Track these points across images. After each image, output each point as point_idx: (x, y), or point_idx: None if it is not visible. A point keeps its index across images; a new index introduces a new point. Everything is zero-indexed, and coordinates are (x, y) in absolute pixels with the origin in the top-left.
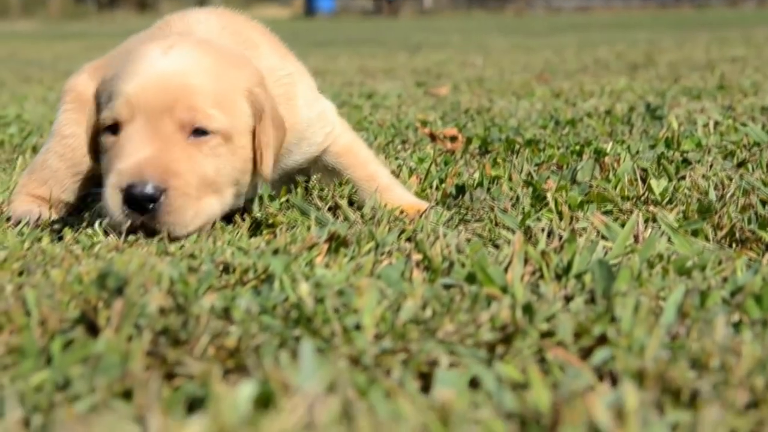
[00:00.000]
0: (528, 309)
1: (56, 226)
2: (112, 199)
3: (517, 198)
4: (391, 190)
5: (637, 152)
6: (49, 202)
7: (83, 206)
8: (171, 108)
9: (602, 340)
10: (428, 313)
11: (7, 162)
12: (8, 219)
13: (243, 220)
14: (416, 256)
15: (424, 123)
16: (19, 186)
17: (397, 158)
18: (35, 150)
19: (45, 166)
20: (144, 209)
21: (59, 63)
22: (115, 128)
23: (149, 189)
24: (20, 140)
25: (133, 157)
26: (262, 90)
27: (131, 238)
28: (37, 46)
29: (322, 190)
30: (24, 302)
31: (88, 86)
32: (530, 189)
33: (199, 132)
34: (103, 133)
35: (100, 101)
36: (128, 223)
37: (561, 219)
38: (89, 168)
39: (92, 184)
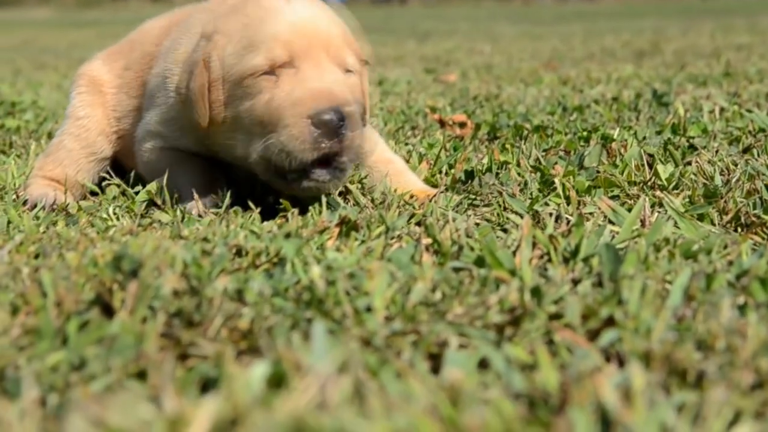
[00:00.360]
0: (536, 292)
1: (71, 210)
2: (303, 130)
3: (526, 183)
4: (402, 176)
5: (644, 138)
6: (64, 185)
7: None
8: (326, 47)
9: (609, 322)
10: (438, 295)
11: (23, 147)
12: (25, 202)
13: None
14: (426, 240)
15: (434, 109)
16: (36, 169)
17: (407, 144)
18: (50, 136)
19: (60, 147)
20: (335, 136)
21: (73, 50)
22: (272, 71)
23: (340, 118)
24: (36, 126)
25: (318, 84)
26: (364, 58)
27: (145, 221)
28: (51, 33)
29: None
30: (40, 284)
31: (101, 71)
32: (538, 174)
33: (348, 70)
34: (249, 81)
35: (224, 56)
36: (314, 155)
37: (568, 204)
38: (102, 149)
39: (105, 165)
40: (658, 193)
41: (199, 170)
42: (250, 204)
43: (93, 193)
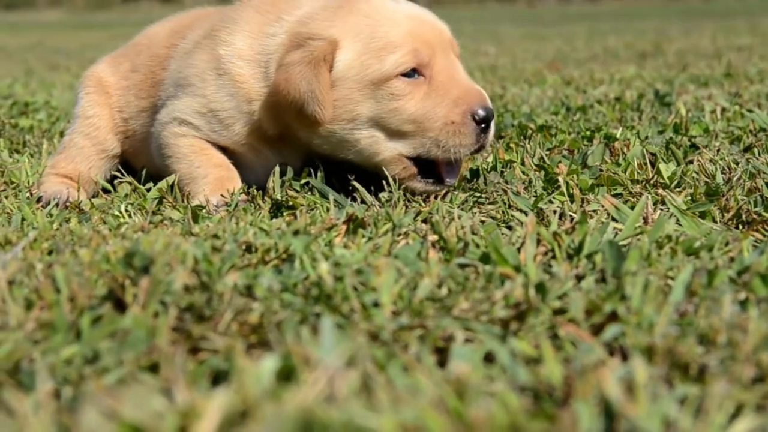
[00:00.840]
0: (541, 287)
1: (84, 207)
2: (467, 126)
3: (530, 181)
4: None
5: (647, 137)
6: (77, 183)
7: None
8: (451, 45)
9: (613, 317)
10: (444, 291)
11: (36, 147)
12: (39, 200)
13: (264, 201)
14: (432, 237)
15: None
16: (49, 167)
17: None
18: (63, 135)
19: (71, 144)
20: (488, 127)
21: (85, 51)
22: (410, 73)
23: (491, 108)
24: (49, 125)
25: (464, 86)
26: None
27: (156, 218)
28: (63, 35)
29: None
30: (54, 280)
31: (106, 73)
32: (542, 173)
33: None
34: (390, 82)
35: (353, 57)
36: (474, 147)
37: (572, 201)
38: (113, 147)
39: (116, 162)
40: (660, 191)
41: (216, 165)
42: (260, 201)
43: (105, 191)
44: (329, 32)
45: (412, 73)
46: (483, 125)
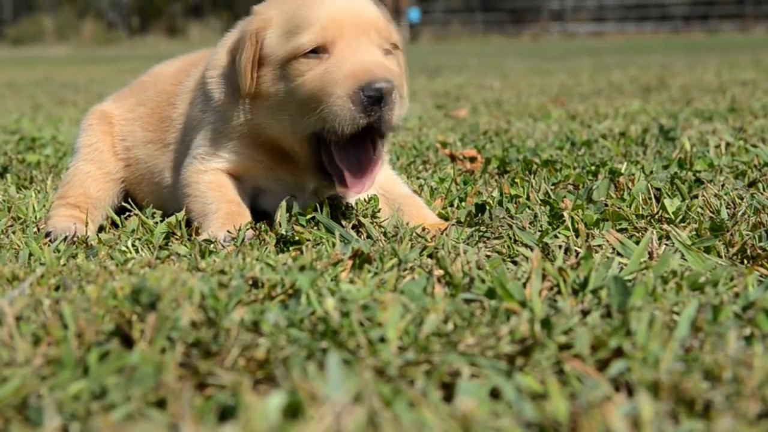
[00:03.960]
0: (546, 323)
1: (91, 243)
2: (350, 99)
3: (535, 216)
4: (420, 210)
5: (651, 172)
6: (86, 214)
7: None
8: (367, 30)
9: (618, 352)
10: (450, 326)
11: (42, 182)
12: (46, 235)
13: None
14: (438, 272)
15: (444, 144)
16: (57, 198)
17: (418, 178)
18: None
19: (77, 172)
20: (379, 106)
21: (92, 86)
22: (317, 51)
23: (381, 92)
24: (56, 161)
25: (359, 63)
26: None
27: (163, 254)
28: (71, 69)
29: (345, 208)
30: (61, 316)
31: (111, 107)
32: (547, 208)
33: (387, 50)
34: (296, 61)
35: (274, 36)
36: (365, 120)
37: (577, 236)
38: (116, 170)
39: (121, 188)
40: (665, 226)
41: (227, 201)
42: (266, 237)
43: (114, 224)
44: (266, 12)
45: (316, 52)
46: (374, 101)
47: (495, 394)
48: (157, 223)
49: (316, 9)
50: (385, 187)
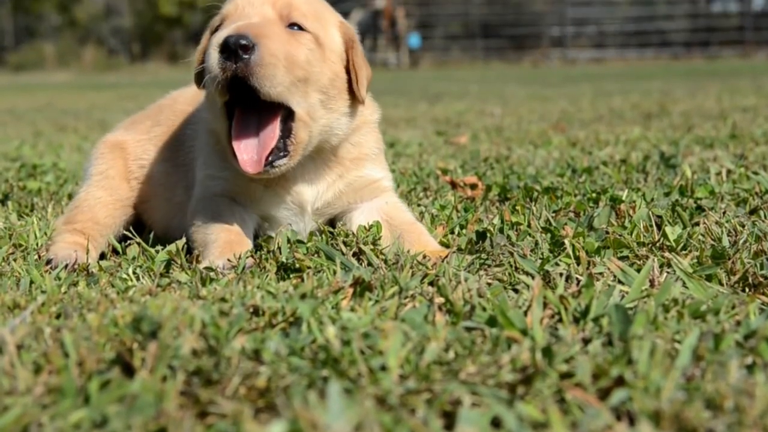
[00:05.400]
0: (547, 351)
1: (92, 270)
2: (210, 56)
3: (536, 243)
4: (421, 237)
5: (652, 199)
6: (87, 241)
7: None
8: (261, 6)
9: (620, 381)
10: (451, 354)
11: (43, 210)
12: (48, 262)
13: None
14: (439, 300)
15: (445, 171)
16: (62, 223)
17: (419, 205)
18: (70, 197)
19: (88, 197)
20: (237, 57)
21: (93, 112)
22: (218, 29)
23: (242, 40)
24: (56, 188)
25: (234, 25)
26: (351, 32)
27: (163, 281)
28: (72, 96)
29: (346, 236)
30: (62, 344)
31: (123, 136)
32: (548, 235)
33: (296, 26)
34: (211, 37)
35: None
36: (223, 74)
37: (579, 264)
38: (127, 196)
39: (130, 215)
40: (666, 254)
41: (227, 229)
42: (267, 264)
43: (114, 251)
44: (225, 8)
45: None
46: (234, 48)
47: (496, 423)
48: (158, 250)
49: None
50: (389, 213)
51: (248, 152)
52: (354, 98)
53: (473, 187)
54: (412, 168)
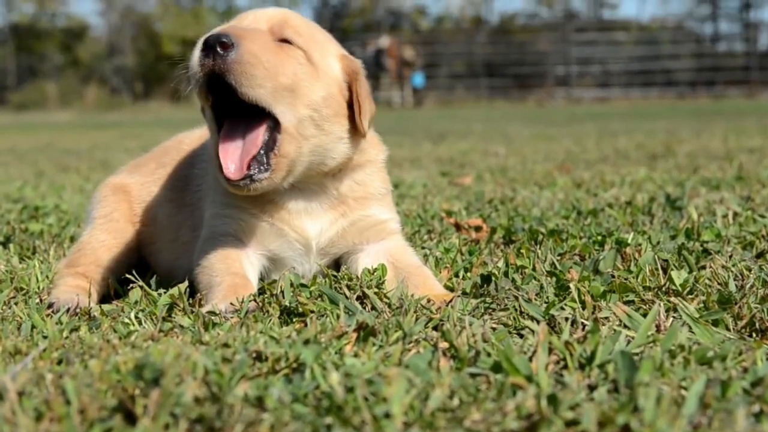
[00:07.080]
0: (553, 398)
1: (94, 314)
2: (193, 56)
3: (541, 287)
4: (426, 280)
5: (658, 243)
6: (89, 286)
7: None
8: (268, 18)
9: (626, 429)
10: (456, 401)
11: (45, 252)
12: (49, 306)
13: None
14: (443, 345)
15: (449, 213)
16: (65, 266)
17: (423, 248)
18: (72, 240)
19: (91, 241)
20: (216, 54)
21: (95, 151)
22: None
23: (222, 38)
24: (59, 230)
25: (218, 28)
26: (355, 65)
27: (166, 326)
28: (74, 135)
29: (350, 279)
30: (64, 391)
31: (126, 179)
32: (554, 279)
33: (286, 41)
34: None
35: None
36: (201, 71)
37: (584, 308)
38: (132, 238)
39: (133, 258)
40: (672, 298)
41: (231, 273)
42: (270, 308)
43: (117, 295)
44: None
45: None
46: (212, 44)
47: None
48: (160, 293)
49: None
50: (395, 255)
51: (232, 159)
52: (356, 130)
53: (478, 229)
54: (416, 210)
